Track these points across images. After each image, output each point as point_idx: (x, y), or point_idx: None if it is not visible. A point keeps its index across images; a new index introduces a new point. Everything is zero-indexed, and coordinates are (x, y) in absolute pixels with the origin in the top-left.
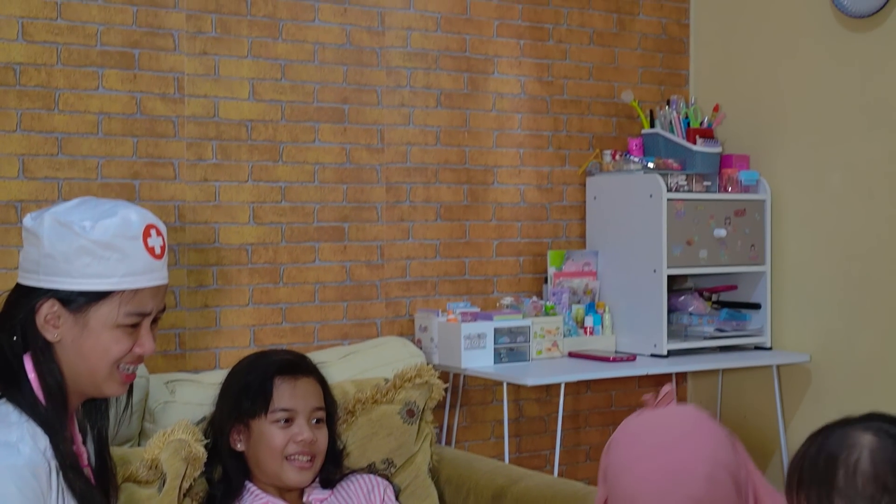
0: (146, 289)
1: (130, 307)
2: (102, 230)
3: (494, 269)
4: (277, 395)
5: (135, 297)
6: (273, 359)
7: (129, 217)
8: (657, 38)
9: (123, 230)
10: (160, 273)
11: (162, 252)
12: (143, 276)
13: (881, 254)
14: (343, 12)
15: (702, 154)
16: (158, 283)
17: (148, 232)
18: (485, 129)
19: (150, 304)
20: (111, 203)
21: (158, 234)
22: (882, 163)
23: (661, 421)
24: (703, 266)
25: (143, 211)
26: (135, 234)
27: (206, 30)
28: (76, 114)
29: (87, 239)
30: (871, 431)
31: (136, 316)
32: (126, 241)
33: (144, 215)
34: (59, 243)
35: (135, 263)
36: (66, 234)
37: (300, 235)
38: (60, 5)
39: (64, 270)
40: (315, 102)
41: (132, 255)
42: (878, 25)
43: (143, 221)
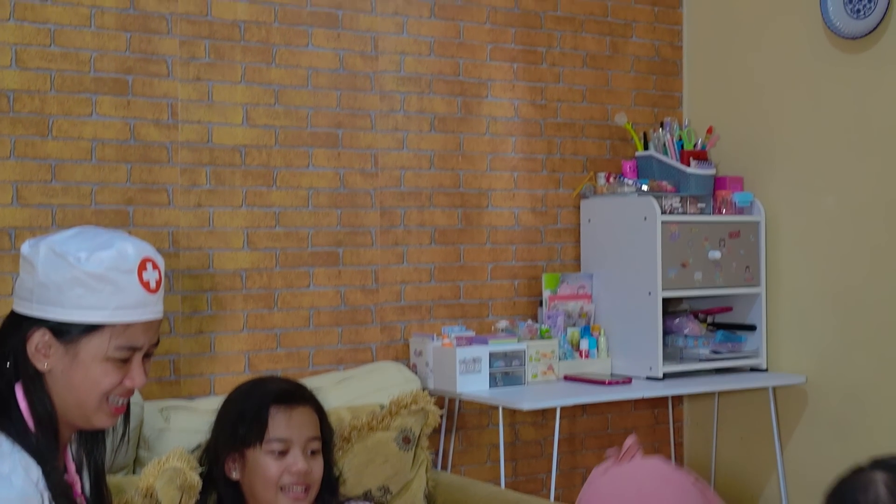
0: (138, 323)
1: (121, 341)
2: (97, 262)
3: (489, 292)
4: (273, 424)
5: (126, 330)
6: (269, 387)
7: (125, 250)
8: (650, 61)
9: (118, 263)
10: (154, 308)
11: (157, 286)
12: (135, 310)
13: (876, 275)
14: (336, 37)
15: (696, 176)
16: (151, 317)
17: (144, 265)
18: (479, 153)
19: (142, 338)
20: (109, 234)
21: (155, 268)
22: (876, 184)
23: (628, 478)
24: (698, 288)
25: (142, 244)
26: (130, 268)
27: (199, 56)
28: (70, 140)
29: (80, 270)
30: (881, 469)
31: (126, 350)
32: (120, 275)
33: (142, 248)
34: (53, 273)
35: (128, 297)
36: (61, 264)
37: (294, 260)
38: (54, 32)
39: (57, 300)
40: (309, 127)
41: (126, 288)
42: (870, 47)
43: (140, 255)
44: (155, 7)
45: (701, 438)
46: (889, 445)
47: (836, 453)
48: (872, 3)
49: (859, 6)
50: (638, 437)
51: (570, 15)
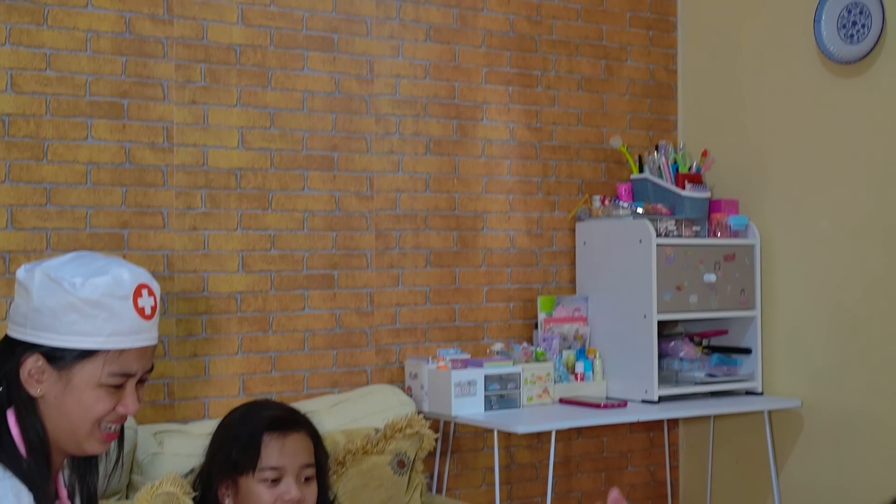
0: (132, 350)
1: (115, 367)
2: (92, 288)
3: (484, 314)
4: (266, 452)
5: (120, 357)
6: (263, 414)
7: (120, 276)
8: (645, 84)
9: (113, 289)
10: (148, 334)
11: (152, 313)
12: (129, 336)
13: (871, 298)
14: (332, 60)
15: (691, 199)
16: (145, 344)
17: (139, 292)
18: (474, 176)
19: (136, 365)
20: (105, 260)
21: (150, 295)
22: (870, 207)
23: None
24: (694, 311)
25: (138, 270)
26: (125, 294)
27: (195, 79)
28: (65, 164)
29: (75, 296)
30: None
31: (119, 377)
32: (115, 301)
33: (138, 275)
34: (47, 298)
35: (122, 323)
36: (56, 289)
37: (289, 283)
38: (49, 56)
39: (51, 326)
40: (304, 150)
41: (120, 314)
42: (864, 71)
43: (135, 281)
44: (151, 31)
45: (696, 462)
46: (885, 469)
47: (832, 477)
48: (866, 28)
49: (853, 31)
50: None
51: (565, 39)
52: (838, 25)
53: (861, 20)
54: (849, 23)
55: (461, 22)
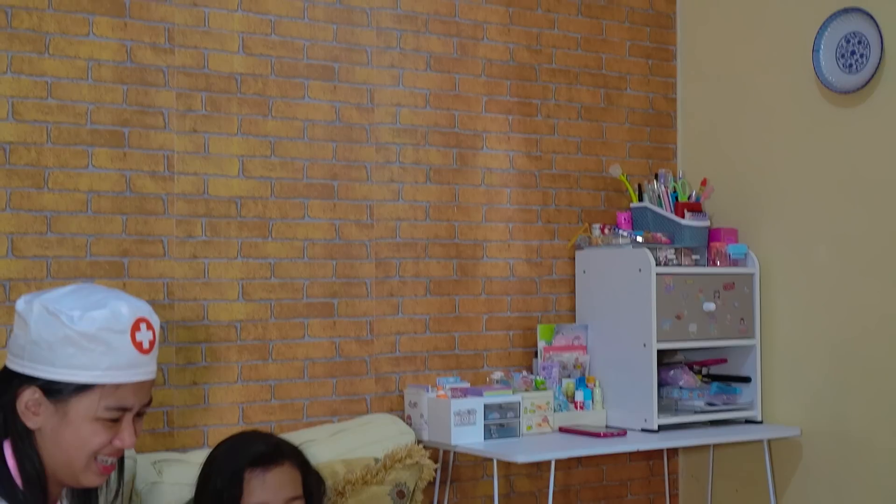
0: (129, 384)
1: (111, 401)
2: (89, 322)
3: (484, 343)
4: (248, 490)
5: (116, 391)
6: (246, 449)
7: (119, 310)
8: (644, 113)
9: (111, 323)
10: (146, 368)
11: (150, 347)
12: (126, 370)
13: (870, 327)
14: (332, 89)
15: (690, 228)
16: (142, 378)
17: (137, 326)
18: (474, 204)
19: (132, 399)
20: (105, 293)
21: (149, 329)
22: (868, 236)
23: None
24: (693, 340)
25: (138, 303)
26: (123, 328)
27: (195, 108)
28: (66, 192)
29: (72, 329)
30: None
31: (116, 410)
32: (112, 335)
33: (136, 308)
34: (45, 331)
35: (119, 357)
36: (53, 322)
37: (289, 312)
38: (51, 85)
39: (48, 359)
40: (304, 179)
41: (118, 348)
42: (863, 101)
43: (134, 315)
44: (152, 60)
45: (696, 491)
46: (884, 498)
47: None
48: (864, 58)
49: (851, 61)
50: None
51: (565, 68)
52: (837, 55)
53: (860, 50)
54: (847, 52)
55: (461, 51)
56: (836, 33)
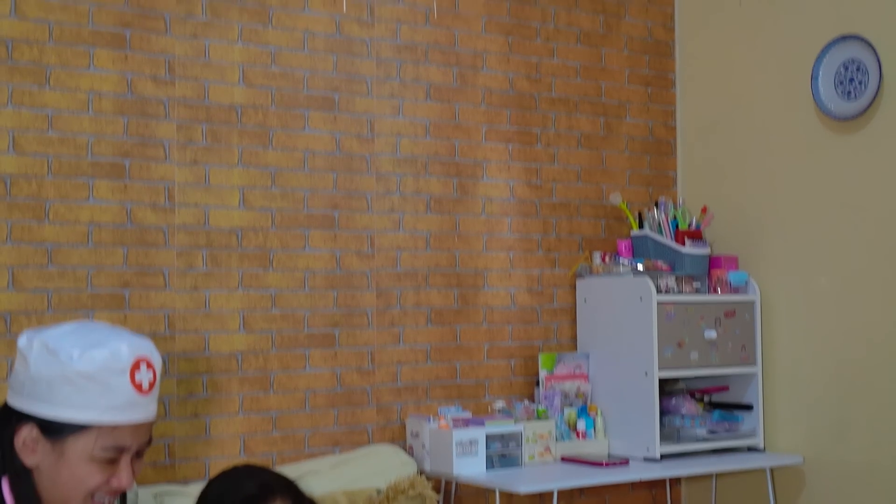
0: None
1: (108, 441)
2: (88, 361)
3: (486, 372)
4: None
5: (114, 431)
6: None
7: (119, 350)
8: (644, 141)
9: (110, 363)
10: (145, 409)
11: (150, 387)
12: (124, 411)
13: (872, 354)
14: (333, 120)
15: (690, 256)
16: (141, 419)
17: (137, 366)
18: (474, 233)
19: (130, 439)
20: (106, 332)
21: (149, 369)
22: (870, 262)
23: None
24: (695, 368)
25: (139, 343)
26: (122, 368)
27: (196, 139)
28: (66, 224)
29: (70, 368)
30: None
31: (113, 450)
32: (111, 375)
33: (137, 348)
34: (44, 369)
35: (117, 398)
36: (52, 361)
37: (290, 342)
38: (52, 117)
39: (46, 397)
40: (305, 209)
41: (116, 389)
42: (862, 128)
43: (134, 355)
44: (153, 91)
45: None
46: None
47: None
48: (863, 85)
49: (850, 88)
50: None
51: (565, 96)
52: (836, 82)
53: (858, 77)
54: (846, 79)
55: (461, 81)
56: (835, 60)
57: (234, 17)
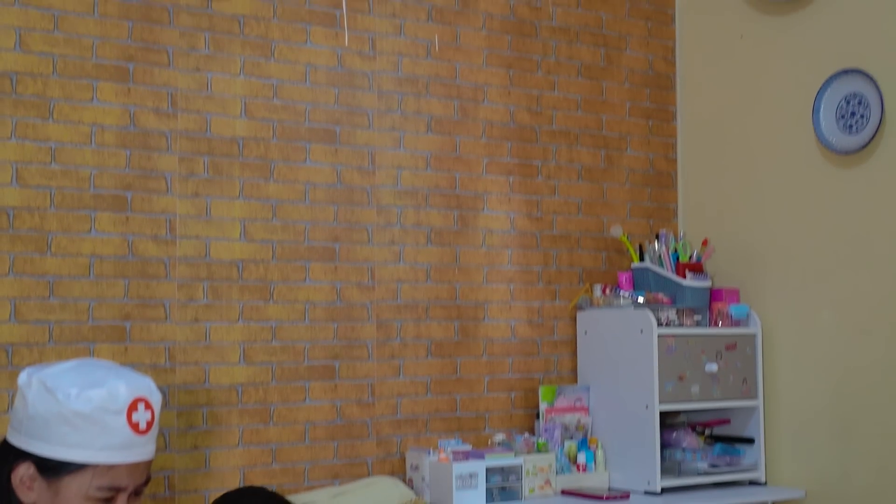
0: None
1: (104, 481)
2: (85, 401)
3: (486, 405)
4: None
5: (109, 471)
6: None
7: (116, 389)
8: (645, 173)
9: (107, 403)
10: (142, 449)
11: (148, 428)
12: (120, 451)
13: (874, 388)
14: (334, 152)
15: (691, 289)
16: (138, 459)
17: (135, 406)
18: (475, 265)
19: (127, 479)
20: (105, 371)
21: (147, 408)
22: (872, 298)
23: None
24: (696, 401)
25: (139, 381)
26: (119, 408)
27: (198, 172)
28: (68, 257)
29: (67, 408)
30: None
31: (108, 490)
32: (108, 415)
33: (136, 387)
34: (41, 407)
35: (114, 438)
36: (49, 399)
37: (290, 375)
38: (55, 150)
39: (43, 435)
40: (306, 242)
41: (112, 429)
42: (863, 162)
43: (132, 395)
44: (155, 124)
45: None
46: None
47: None
48: (865, 119)
49: (852, 122)
50: None
51: (565, 129)
52: (837, 116)
53: (860, 111)
54: (847, 113)
55: (462, 113)
56: (836, 94)
57: (236, 51)
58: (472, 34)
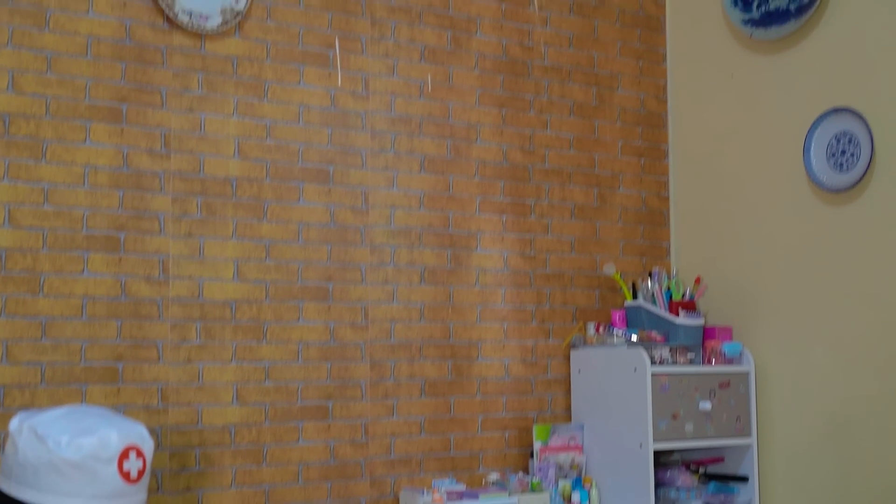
0: None
1: None
2: (75, 449)
3: (480, 444)
4: None
5: None
6: None
7: (108, 438)
8: (638, 211)
9: (98, 451)
10: (132, 498)
11: (139, 476)
12: (110, 500)
13: (867, 426)
14: (327, 192)
15: (685, 327)
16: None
17: (126, 454)
18: (468, 304)
19: None
20: (97, 418)
21: (139, 457)
22: (864, 335)
23: None
24: (689, 440)
25: (130, 429)
26: (110, 457)
27: (191, 212)
28: (61, 298)
29: (57, 456)
30: None
31: None
32: (98, 464)
33: (127, 435)
34: (31, 455)
35: (103, 486)
36: (40, 447)
37: (283, 415)
38: (47, 191)
39: (33, 483)
40: (300, 281)
41: (102, 477)
42: (854, 199)
43: (123, 443)
44: (148, 165)
45: None
46: None
47: None
48: (855, 157)
49: (842, 160)
50: None
51: (558, 167)
52: (828, 154)
53: (850, 149)
54: (838, 151)
55: (455, 152)
56: (827, 132)
57: (229, 91)
58: (464, 74)
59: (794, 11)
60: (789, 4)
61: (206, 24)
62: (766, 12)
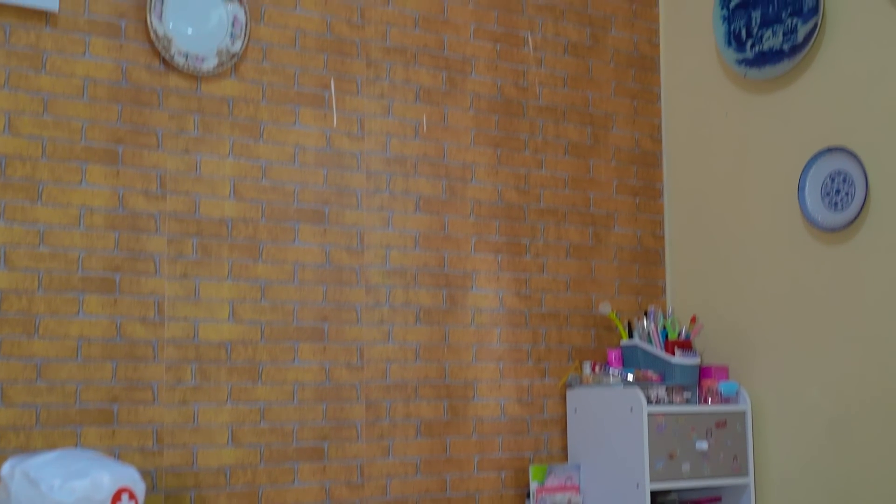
0: None
1: None
2: (68, 492)
3: (476, 484)
4: None
5: None
6: None
7: (100, 480)
8: (633, 250)
9: (90, 494)
10: None
11: None
12: None
13: (865, 465)
14: (323, 232)
15: (681, 366)
16: None
17: (119, 496)
18: (464, 344)
19: None
20: (89, 461)
21: (131, 499)
22: (860, 374)
23: None
24: (686, 479)
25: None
26: (102, 499)
27: (186, 253)
28: (56, 339)
29: (50, 499)
30: None
31: None
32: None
33: (120, 478)
34: (24, 499)
35: None
36: (32, 491)
37: (279, 456)
38: (43, 232)
39: None
40: (295, 322)
41: None
42: (849, 238)
43: (115, 485)
44: (144, 206)
45: None
46: None
47: None
48: (850, 196)
49: (837, 199)
50: None
51: (553, 207)
52: (822, 193)
53: (844, 188)
54: (832, 191)
55: (450, 193)
56: (821, 172)
57: (225, 132)
58: (459, 114)
59: (787, 51)
60: (783, 44)
61: (202, 66)
62: (759, 52)
